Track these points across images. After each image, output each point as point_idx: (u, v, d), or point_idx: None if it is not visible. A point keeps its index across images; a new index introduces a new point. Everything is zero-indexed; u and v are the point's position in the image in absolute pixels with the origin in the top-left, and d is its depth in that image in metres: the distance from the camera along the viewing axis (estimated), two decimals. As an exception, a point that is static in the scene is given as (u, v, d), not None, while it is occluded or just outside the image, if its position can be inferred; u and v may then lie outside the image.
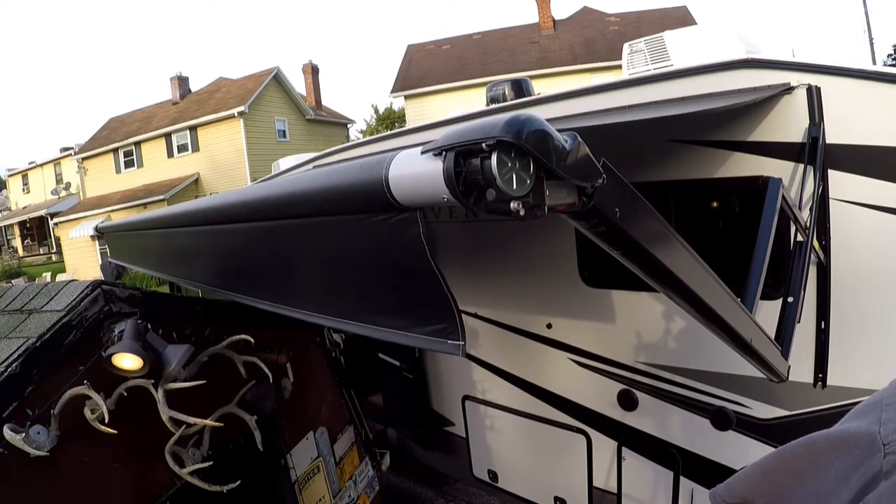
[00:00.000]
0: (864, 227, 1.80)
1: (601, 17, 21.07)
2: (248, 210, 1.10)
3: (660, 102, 2.04)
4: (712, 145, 2.04)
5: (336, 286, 1.04)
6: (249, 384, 2.02)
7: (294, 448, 2.49)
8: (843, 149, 1.79)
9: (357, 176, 0.75)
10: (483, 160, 0.59)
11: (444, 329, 0.76)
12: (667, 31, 3.21)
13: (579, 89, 2.43)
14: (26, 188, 31.30)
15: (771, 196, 1.46)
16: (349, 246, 0.89)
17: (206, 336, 1.93)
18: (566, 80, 17.35)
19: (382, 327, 0.91)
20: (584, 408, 2.67)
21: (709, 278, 0.85)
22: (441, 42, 22.47)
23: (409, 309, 0.85)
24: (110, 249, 3.47)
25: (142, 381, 1.57)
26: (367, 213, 0.77)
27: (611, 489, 2.58)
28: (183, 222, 1.62)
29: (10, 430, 1.39)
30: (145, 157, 23.20)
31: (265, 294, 1.38)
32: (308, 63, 26.53)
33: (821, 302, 1.91)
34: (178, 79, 24.68)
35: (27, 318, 1.65)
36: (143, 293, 1.76)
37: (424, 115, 17.70)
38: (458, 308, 0.74)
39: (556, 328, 2.71)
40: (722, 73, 1.97)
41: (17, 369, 1.43)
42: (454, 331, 0.75)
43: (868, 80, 1.74)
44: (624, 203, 0.75)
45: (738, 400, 2.16)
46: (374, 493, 3.07)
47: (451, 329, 0.75)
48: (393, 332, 0.88)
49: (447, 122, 2.82)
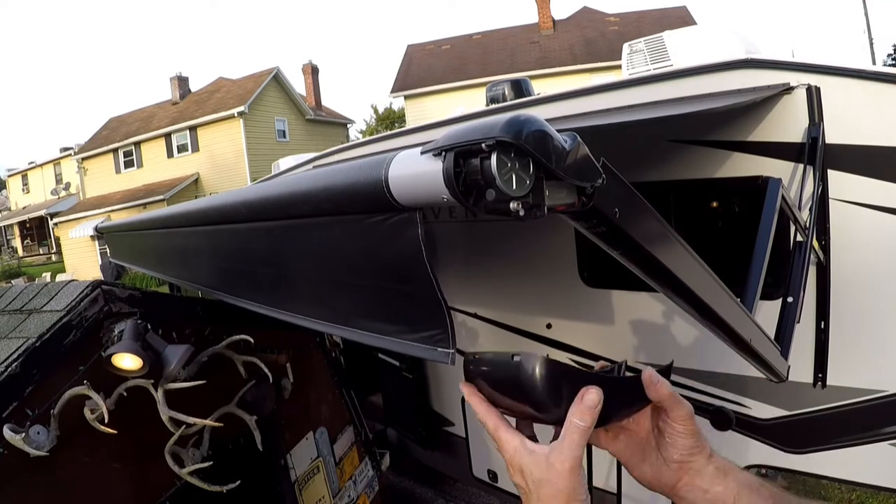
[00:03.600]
0: (864, 227, 1.80)
1: (601, 17, 21.08)
2: (248, 210, 1.10)
3: (660, 102, 2.04)
4: (712, 145, 2.04)
5: (330, 289, 1.04)
6: (249, 384, 2.02)
7: (294, 448, 2.49)
8: (842, 149, 1.79)
9: (357, 176, 0.75)
10: (483, 160, 0.59)
11: (434, 336, 0.75)
12: (667, 31, 3.22)
13: (579, 89, 2.43)
14: (26, 188, 31.30)
15: (771, 196, 1.46)
16: (346, 247, 0.89)
17: (206, 336, 1.93)
18: (566, 80, 17.36)
19: (373, 333, 0.90)
20: (583, 408, 2.66)
21: (709, 278, 0.84)
22: (441, 42, 22.47)
23: (402, 313, 0.84)
24: (110, 250, 3.47)
25: (142, 381, 1.57)
26: (366, 214, 0.77)
27: (611, 489, 2.58)
28: (182, 222, 1.62)
29: (10, 430, 1.39)
30: (145, 157, 23.21)
31: (259, 296, 1.38)
32: (308, 63, 26.53)
33: (821, 302, 1.91)
34: (178, 79, 24.69)
35: (27, 318, 1.65)
36: (143, 293, 1.76)
37: (424, 115, 17.70)
38: (451, 315, 0.73)
39: (555, 328, 2.72)
40: (722, 73, 1.97)
41: (17, 369, 1.43)
42: (444, 338, 0.74)
43: (868, 80, 1.74)
44: (624, 203, 0.75)
45: (738, 400, 2.17)
46: (374, 493, 3.07)
47: (441, 336, 0.74)
48: (383, 338, 0.87)
49: (447, 122, 2.82)
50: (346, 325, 0.99)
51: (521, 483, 0.63)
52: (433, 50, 21.95)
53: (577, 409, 0.61)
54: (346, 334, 0.98)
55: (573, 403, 0.61)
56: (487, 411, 0.66)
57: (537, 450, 0.62)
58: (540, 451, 0.62)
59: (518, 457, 0.63)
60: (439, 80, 19.81)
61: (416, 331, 0.78)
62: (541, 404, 0.63)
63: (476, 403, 0.66)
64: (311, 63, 26.42)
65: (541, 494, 0.61)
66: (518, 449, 0.63)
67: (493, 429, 0.65)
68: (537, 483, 0.61)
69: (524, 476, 0.62)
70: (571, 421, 0.60)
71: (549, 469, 0.60)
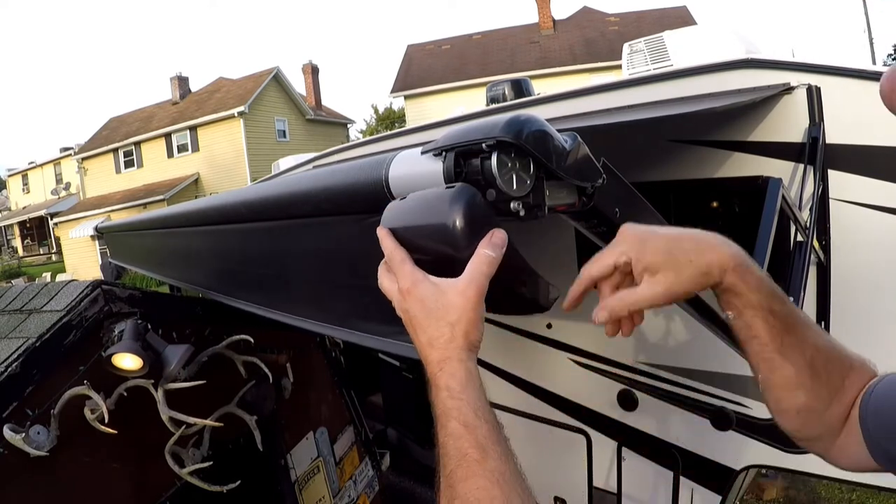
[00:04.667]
0: (864, 227, 1.80)
1: (601, 17, 21.09)
2: (248, 210, 1.10)
3: (660, 102, 2.04)
4: (712, 145, 2.04)
5: (329, 290, 1.04)
6: (249, 384, 2.02)
7: (294, 448, 2.49)
8: (843, 149, 1.79)
9: (357, 176, 0.75)
10: (483, 160, 0.59)
11: None
12: (667, 31, 3.22)
13: (579, 89, 2.43)
14: (26, 188, 31.30)
15: (771, 196, 1.46)
16: (346, 247, 0.89)
17: (206, 336, 1.93)
18: (566, 80, 17.36)
19: (371, 334, 0.89)
20: (584, 408, 2.66)
21: (709, 278, 0.84)
22: (441, 42, 22.47)
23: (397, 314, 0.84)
24: (110, 250, 3.47)
25: (142, 381, 1.57)
26: (366, 214, 0.77)
27: (611, 489, 2.58)
28: (182, 222, 1.62)
29: (10, 430, 1.39)
30: (145, 157, 23.21)
31: (258, 298, 1.38)
32: (308, 63, 26.53)
33: (821, 302, 1.91)
34: (178, 79, 24.68)
35: (27, 318, 1.65)
36: (143, 293, 1.76)
37: (424, 115, 17.69)
38: None
39: (555, 328, 2.71)
40: (722, 73, 1.97)
41: (17, 369, 1.43)
42: None
43: (868, 80, 1.74)
44: (624, 203, 0.75)
45: (738, 400, 2.16)
46: (374, 493, 3.07)
47: None
48: (381, 340, 0.86)
49: (447, 122, 2.82)
50: (343, 326, 0.99)
51: (417, 312, 0.61)
52: (433, 50, 21.95)
53: (489, 242, 0.59)
54: (343, 336, 0.98)
55: (483, 240, 0.59)
56: (396, 247, 0.64)
57: (441, 282, 0.61)
58: (444, 282, 0.60)
59: (421, 287, 0.61)
60: (439, 80, 19.81)
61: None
62: (458, 243, 0.59)
63: (388, 242, 0.64)
64: (312, 63, 26.41)
65: (439, 324, 0.59)
66: (422, 280, 0.61)
67: (399, 261, 0.62)
68: (438, 310, 0.59)
69: (423, 304, 0.60)
70: (481, 252, 0.59)
71: (456, 295, 0.59)
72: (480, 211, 0.59)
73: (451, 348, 0.59)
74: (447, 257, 0.61)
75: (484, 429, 0.55)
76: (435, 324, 0.60)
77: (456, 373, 0.58)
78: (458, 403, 0.57)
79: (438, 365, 0.59)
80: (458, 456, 0.54)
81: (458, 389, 0.57)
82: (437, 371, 0.59)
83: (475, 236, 0.59)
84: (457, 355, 0.59)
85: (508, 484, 0.52)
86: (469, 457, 0.53)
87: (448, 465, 0.54)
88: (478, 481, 0.52)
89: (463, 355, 0.59)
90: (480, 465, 0.53)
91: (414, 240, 0.64)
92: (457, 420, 0.56)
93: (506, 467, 0.53)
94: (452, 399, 0.57)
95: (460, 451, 0.54)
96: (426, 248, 0.63)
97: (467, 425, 0.55)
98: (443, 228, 0.59)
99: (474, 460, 0.53)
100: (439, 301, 0.60)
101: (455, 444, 0.55)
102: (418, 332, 0.61)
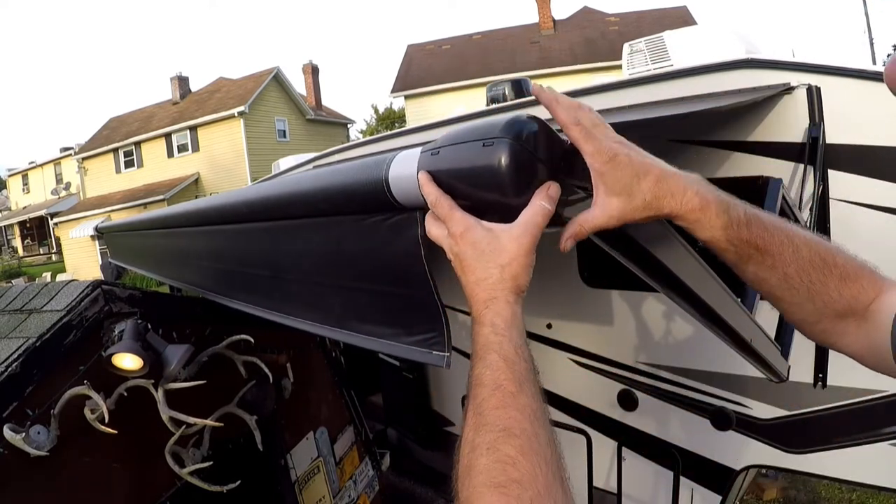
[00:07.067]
0: (864, 227, 1.80)
1: (601, 17, 21.08)
2: (248, 210, 1.10)
3: (660, 102, 2.04)
4: (712, 145, 2.04)
5: (328, 291, 1.03)
6: (249, 384, 2.02)
7: (294, 448, 2.49)
8: (843, 149, 1.79)
9: (357, 176, 0.75)
10: (483, 160, 0.59)
11: (430, 339, 0.75)
12: (667, 31, 3.22)
13: (579, 89, 2.43)
14: (26, 188, 31.29)
15: (771, 196, 1.46)
16: (346, 247, 0.88)
17: (206, 336, 1.92)
18: (566, 80, 17.37)
19: (369, 336, 0.89)
20: (584, 408, 2.66)
21: (709, 278, 0.84)
22: (441, 42, 22.46)
23: (398, 316, 0.83)
24: (110, 250, 3.47)
25: (142, 381, 1.57)
26: (366, 214, 0.77)
27: (611, 489, 2.58)
28: (182, 222, 1.62)
29: (10, 430, 1.39)
30: (145, 157, 23.20)
31: (257, 299, 1.38)
32: (308, 63, 26.51)
33: (821, 302, 1.91)
34: (179, 79, 24.67)
35: (27, 318, 1.65)
36: (143, 293, 1.76)
37: (424, 115, 17.69)
38: (447, 317, 0.73)
39: (556, 328, 2.71)
40: (722, 73, 1.97)
41: (18, 369, 1.43)
42: (440, 341, 0.73)
43: (868, 80, 1.74)
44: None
45: (738, 400, 2.16)
46: (374, 493, 3.06)
47: (437, 339, 0.74)
48: (379, 341, 0.86)
49: (447, 122, 2.82)
50: (342, 327, 0.98)
51: (468, 255, 0.61)
52: (433, 50, 21.94)
53: (545, 194, 0.59)
54: (342, 337, 0.97)
55: (538, 191, 0.59)
56: (442, 194, 0.63)
57: (495, 227, 0.61)
58: (498, 227, 0.61)
59: (473, 231, 0.61)
60: (439, 80, 19.81)
61: (411, 333, 0.78)
62: (507, 188, 0.58)
63: (431, 189, 0.63)
64: (312, 63, 26.39)
65: (489, 265, 0.59)
66: (473, 226, 0.61)
67: (448, 207, 0.62)
68: (490, 253, 0.60)
69: (475, 247, 0.60)
70: (536, 202, 0.59)
71: (510, 240, 0.59)
72: (529, 157, 0.58)
73: (500, 289, 0.60)
74: (495, 204, 0.60)
75: (522, 366, 0.56)
76: (484, 265, 0.60)
77: (502, 311, 0.59)
78: (501, 339, 0.57)
79: (485, 304, 0.60)
80: (494, 385, 0.55)
81: (502, 327, 0.58)
82: (483, 309, 0.60)
83: (526, 184, 0.59)
84: (504, 296, 0.59)
85: (539, 421, 0.54)
86: (504, 388, 0.54)
87: (480, 395, 0.55)
88: (510, 412, 0.53)
89: (510, 297, 0.60)
90: (514, 398, 0.54)
91: (457, 185, 0.62)
92: (497, 353, 0.57)
93: (537, 405, 0.55)
94: (496, 335, 0.58)
95: (496, 382, 0.55)
96: (471, 194, 0.62)
97: (507, 360, 0.56)
98: (493, 171, 0.58)
99: (509, 392, 0.54)
100: (492, 244, 0.60)
101: (492, 375, 0.55)
102: (467, 272, 0.62)
